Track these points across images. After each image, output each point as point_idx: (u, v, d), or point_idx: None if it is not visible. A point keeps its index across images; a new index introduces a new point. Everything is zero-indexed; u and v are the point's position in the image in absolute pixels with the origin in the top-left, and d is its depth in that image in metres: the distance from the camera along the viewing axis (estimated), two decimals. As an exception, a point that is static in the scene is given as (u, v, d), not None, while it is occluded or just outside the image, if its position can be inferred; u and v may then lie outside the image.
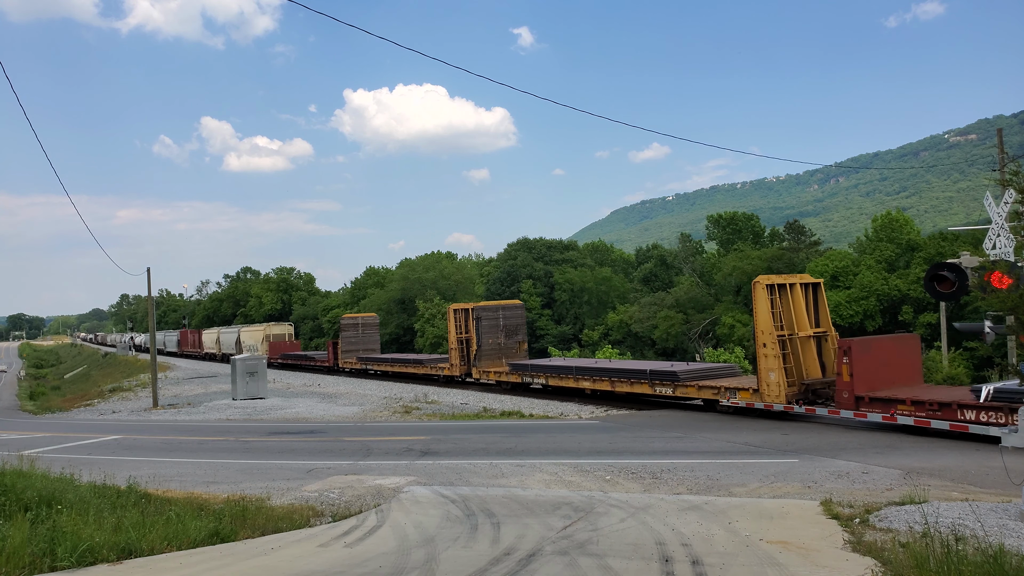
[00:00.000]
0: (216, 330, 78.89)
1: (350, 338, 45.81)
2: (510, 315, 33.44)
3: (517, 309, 34.22)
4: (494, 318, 32.75)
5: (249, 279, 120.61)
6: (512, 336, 33.16)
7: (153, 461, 17.72)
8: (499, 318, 32.82)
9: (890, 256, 48.28)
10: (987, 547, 7.34)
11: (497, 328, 32.63)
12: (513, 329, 33.30)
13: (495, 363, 32.15)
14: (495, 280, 72.90)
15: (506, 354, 32.55)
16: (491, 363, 32.21)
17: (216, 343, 73.20)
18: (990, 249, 14.95)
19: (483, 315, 32.56)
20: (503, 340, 32.72)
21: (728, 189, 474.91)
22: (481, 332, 32.25)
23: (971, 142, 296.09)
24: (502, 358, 32.31)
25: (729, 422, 20.05)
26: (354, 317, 47.56)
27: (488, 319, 32.59)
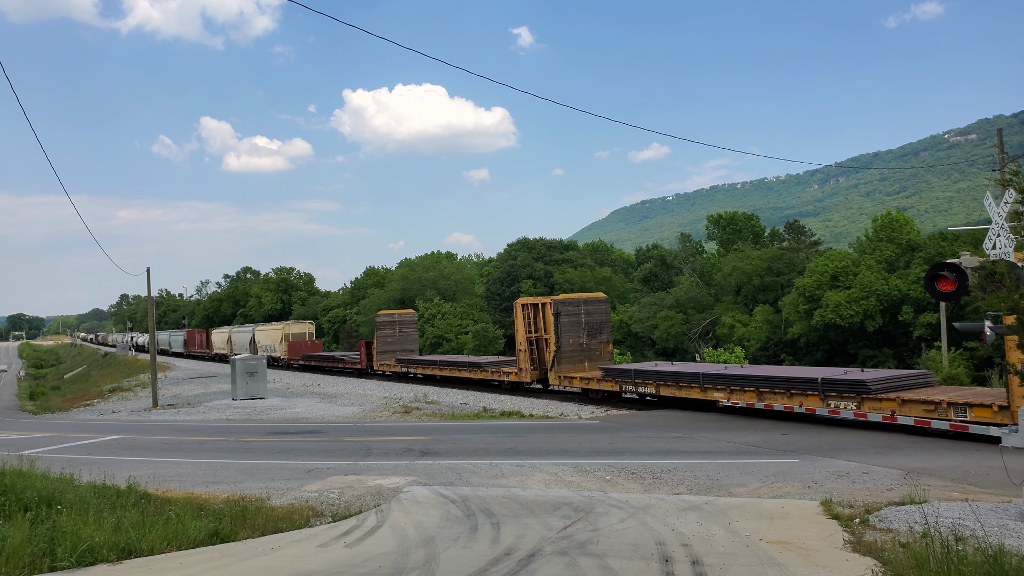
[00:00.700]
0: (227, 329, 73.82)
1: (386, 337, 41.87)
2: (593, 310, 28.89)
3: (601, 304, 29.54)
4: (575, 314, 28.33)
5: (249, 279, 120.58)
6: (595, 335, 28.65)
7: (153, 461, 17.71)
8: (580, 314, 28.43)
9: (890, 256, 48.26)
10: (987, 547, 7.34)
11: (578, 326, 28.29)
12: (596, 327, 28.74)
13: (577, 367, 27.90)
14: (495, 280, 72.89)
15: (588, 356, 28.35)
16: (573, 367, 27.84)
17: (227, 343, 68.79)
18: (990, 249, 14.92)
19: (563, 310, 28.01)
20: (585, 340, 28.34)
21: (728, 189, 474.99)
22: (561, 330, 27.73)
23: (971, 142, 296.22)
24: (584, 361, 28.29)
25: (729, 422, 20.05)
26: (390, 314, 43.33)
27: (569, 315, 28.14)
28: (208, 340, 76.13)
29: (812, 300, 47.11)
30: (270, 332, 60.56)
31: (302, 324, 61.52)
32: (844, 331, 45.67)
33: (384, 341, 41.98)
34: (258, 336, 61.97)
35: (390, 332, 42.21)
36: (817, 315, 45.91)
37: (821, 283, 47.12)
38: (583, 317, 28.47)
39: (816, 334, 47.49)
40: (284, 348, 56.17)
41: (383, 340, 41.96)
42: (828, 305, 45.07)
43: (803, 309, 47.70)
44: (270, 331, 60.82)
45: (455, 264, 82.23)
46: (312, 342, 57.61)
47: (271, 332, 60.34)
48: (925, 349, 39.39)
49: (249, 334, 63.73)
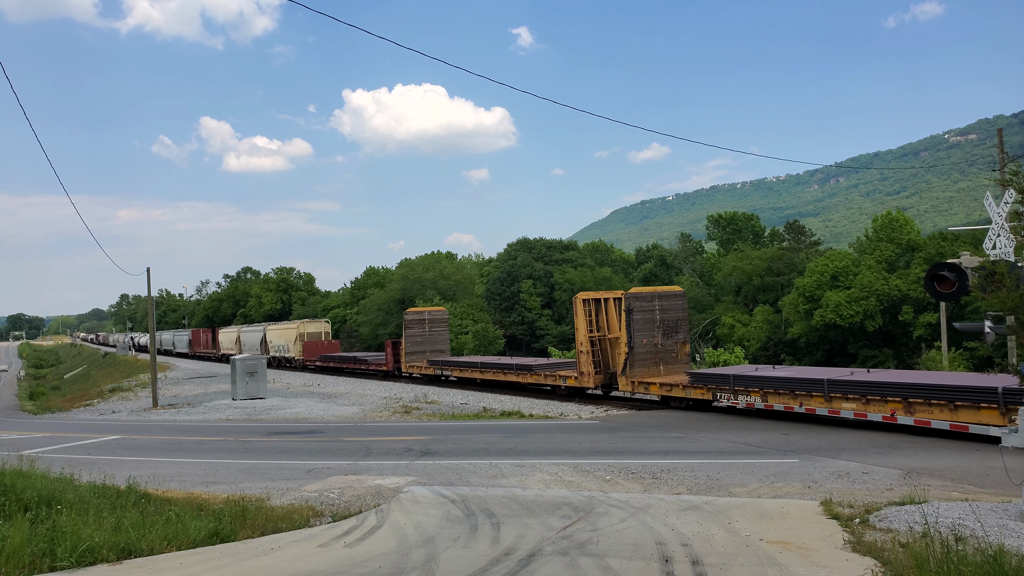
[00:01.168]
0: (235, 329, 70.23)
1: (415, 337, 38.53)
2: (669, 306, 25.12)
3: (678, 299, 25.60)
4: (648, 310, 24.61)
5: (249, 279, 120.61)
6: (672, 334, 25.03)
7: (153, 461, 17.71)
8: (655, 310, 24.76)
9: (890, 256, 48.29)
10: (987, 547, 7.34)
11: (652, 324, 24.56)
12: (673, 325, 25.08)
13: (651, 371, 24.36)
14: (495, 280, 72.92)
15: (664, 359, 24.63)
16: (647, 371, 24.29)
17: (236, 343, 65.48)
18: (990, 249, 14.94)
19: (637, 306, 24.22)
20: (660, 340, 24.70)
21: (728, 189, 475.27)
22: (634, 329, 24.09)
23: (971, 142, 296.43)
24: (659, 364, 24.57)
25: (729, 422, 20.05)
26: (419, 312, 40.01)
27: (642, 311, 24.36)
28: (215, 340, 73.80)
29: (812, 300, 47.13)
30: (283, 331, 56.94)
31: (318, 323, 57.64)
32: (844, 331, 45.69)
33: (413, 341, 38.64)
34: (270, 335, 58.83)
35: (419, 331, 38.82)
36: (817, 315, 45.91)
37: (821, 283, 47.14)
38: (658, 314, 24.87)
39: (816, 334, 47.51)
40: (299, 348, 52.97)
41: (412, 340, 38.67)
42: (828, 305, 45.08)
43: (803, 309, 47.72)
44: (283, 330, 57.18)
45: (455, 264, 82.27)
46: (329, 342, 54.09)
47: (285, 331, 56.78)
48: (925, 349, 39.41)
49: (260, 333, 60.50)
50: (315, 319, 62.54)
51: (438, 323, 39.59)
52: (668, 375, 24.22)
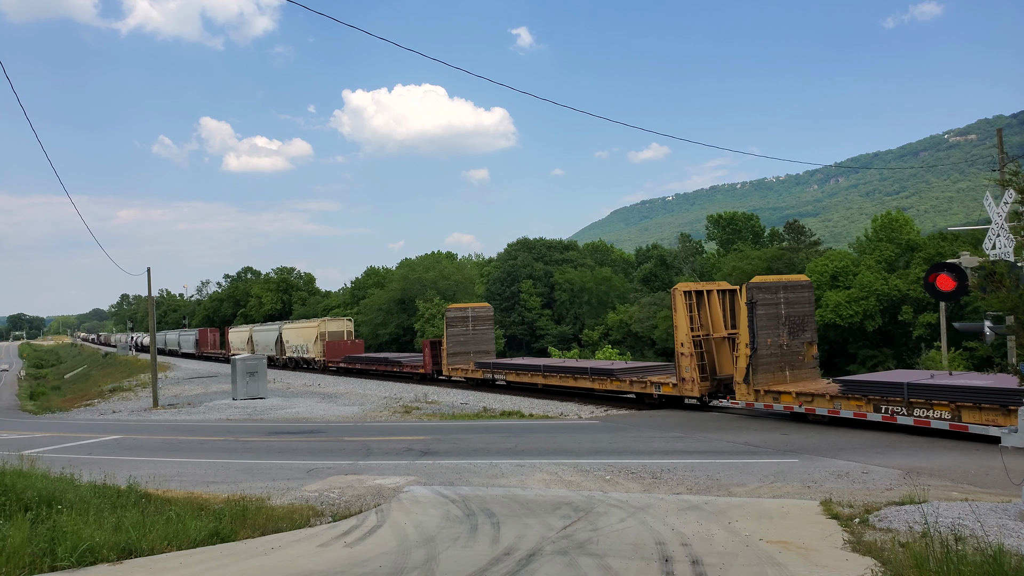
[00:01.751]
0: (247, 328, 66.48)
1: (458, 336, 34.58)
2: (795, 299, 21.21)
3: (804, 290, 21.69)
4: (772, 303, 20.69)
5: (249, 279, 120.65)
6: (798, 333, 21.11)
7: (153, 461, 17.72)
8: (779, 303, 20.84)
9: (890, 256, 48.30)
10: (987, 547, 7.35)
11: (777, 320, 20.66)
12: (799, 322, 21.19)
13: (776, 376, 20.36)
14: (495, 280, 72.94)
15: (790, 363, 20.77)
16: (771, 376, 20.28)
17: (248, 343, 61.64)
18: (990, 249, 14.95)
19: (761, 298, 20.28)
20: (786, 339, 20.77)
21: (728, 189, 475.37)
22: (758, 326, 20.13)
23: (971, 142, 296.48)
24: (785, 369, 20.64)
25: (729, 422, 20.06)
26: (462, 308, 36.00)
27: (767, 305, 20.50)
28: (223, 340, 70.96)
29: (812, 300, 47.11)
30: (302, 331, 52.89)
31: (340, 321, 53.40)
32: (844, 331, 45.71)
33: (456, 341, 34.46)
34: (287, 335, 55.17)
35: (462, 330, 34.69)
36: (817, 315, 45.91)
37: (821, 283, 47.14)
38: (783, 308, 20.93)
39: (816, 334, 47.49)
40: (319, 348, 49.22)
41: (455, 340, 34.46)
42: (828, 305, 45.09)
43: (803, 309, 47.66)
44: (302, 329, 53.19)
45: (455, 264, 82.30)
46: (352, 341, 50.21)
47: (304, 330, 52.64)
48: (925, 349, 39.41)
49: (275, 333, 56.96)
50: (337, 318, 57.20)
51: (483, 320, 35.59)
52: (796, 382, 20.43)
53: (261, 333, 60.66)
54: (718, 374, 22.37)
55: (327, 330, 50.25)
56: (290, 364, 53.91)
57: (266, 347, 57.19)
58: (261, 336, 60.18)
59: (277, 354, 55.49)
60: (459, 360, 34.32)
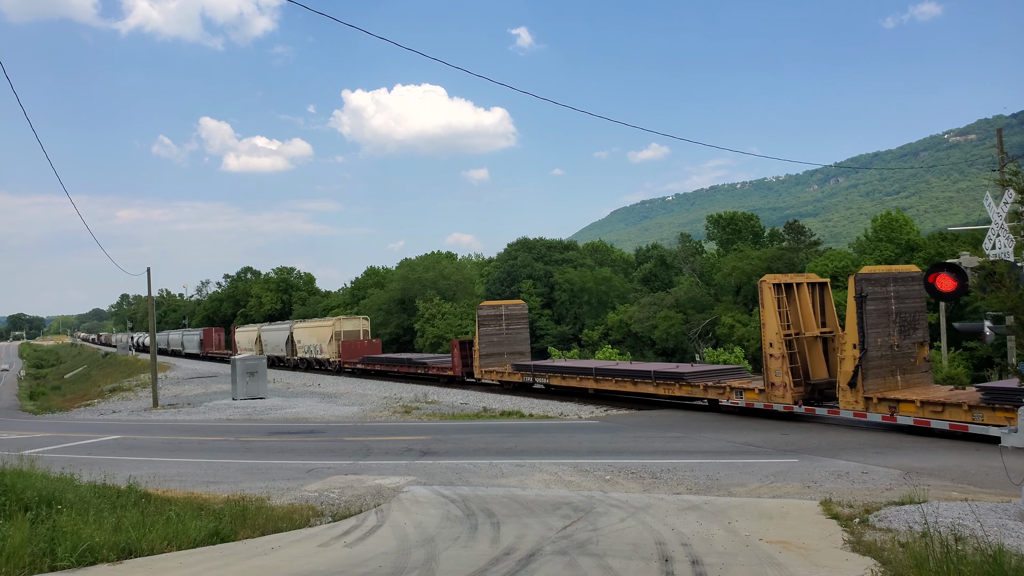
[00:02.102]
0: (255, 327, 63.38)
1: (491, 336, 32.12)
2: (906, 293, 18.89)
3: (915, 283, 19.18)
4: (883, 297, 18.42)
5: (249, 279, 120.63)
6: (909, 332, 18.81)
7: (153, 461, 17.72)
8: (889, 297, 18.48)
9: (890, 256, 48.32)
10: (986, 547, 7.35)
11: (887, 317, 18.38)
12: (910, 319, 18.83)
13: (887, 382, 18.11)
14: (495, 280, 72.93)
15: (901, 366, 18.51)
16: (882, 382, 18.04)
17: (256, 343, 59.13)
18: (990, 249, 14.93)
19: (871, 291, 18.14)
20: (896, 339, 18.51)
21: (728, 189, 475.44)
22: (868, 324, 17.94)
23: (971, 142, 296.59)
24: (896, 373, 18.40)
25: (729, 422, 20.06)
26: (495, 305, 33.24)
27: (876, 299, 18.27)
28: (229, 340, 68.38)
29: (812, 300, 47.08)
30: (316, 330, 50.23)
31: (356, 320, 50.67)
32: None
33: (489, 341, 31.99)
34: (299, 334, 52.50)
35: (495, 329, 32.25)
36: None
37: (821, 283, 47.11)
38: (893, 303, 18.59)
39: (816, 334, 47.46)
40: (335, 349, 46.67)
41: (487, 339, 32.02)
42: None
43: (803, 309, 47.67)
44: (316, 328, 50.56)
45: (455, 264, 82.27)
46: (369, 341, 47.22)
47: (317, 330, 49.97)
48: (925, 349, 39.35)
49: (286, 332, 54.35)
50: (352, 316, 54.38)
51: (517, 319, 33.05)
52: (909, 387, 18.38)
53: (270, 332, 57.77)
54: (811, 378, 19.89)
55: (342, 329, 47.37)
56: (302, 365, 51.88)
57: (275, 347, 54.91)
58: (270, 336, 57.50)
59: (288, 354, 53.43)
60: (493, 362, 31.87)
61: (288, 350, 53.41)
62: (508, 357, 31.97)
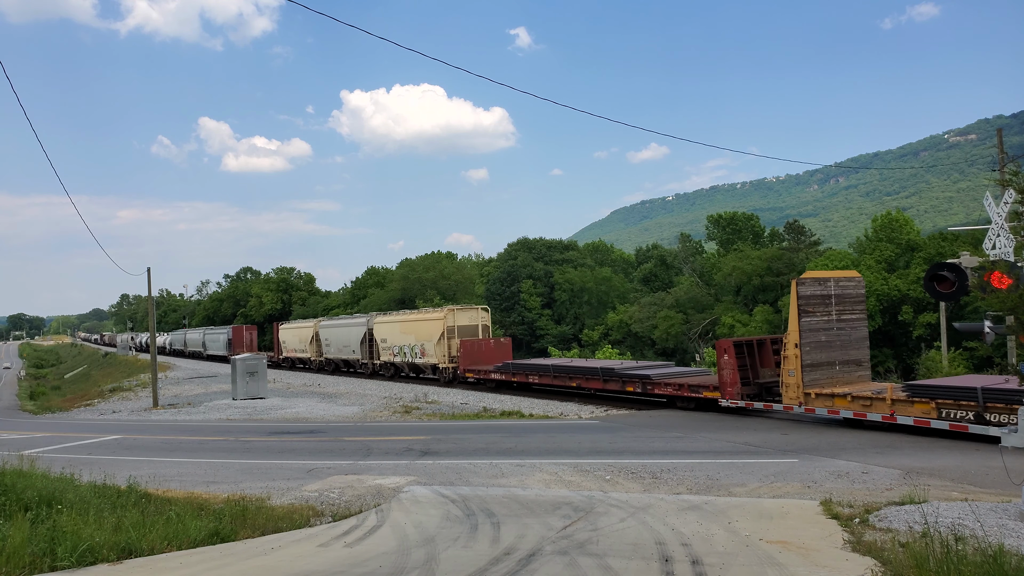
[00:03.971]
0: (311, 323, 50.42)
1: (818, 328, 19.08)
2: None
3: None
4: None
5: (249, 279, 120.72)
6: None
7: (153, 461, 17.72)
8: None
9: (890, 256, 48.32)
10: (987, 547, 7.34)
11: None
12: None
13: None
14: (495, 280, 72.95)
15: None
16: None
17: (311, 343, 47.78)
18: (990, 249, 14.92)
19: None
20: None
21: (728, 189, 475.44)
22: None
23: (971, 142, 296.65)
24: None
25: (729, 422, 20.05)
26: (823, 278, 19.78)
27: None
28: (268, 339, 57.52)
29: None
30: (417, 325, 36.60)
31: (472, 311, 36.09)
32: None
33: (817, 341, 19.06)
34: (383, 331, 39.44)
35: (824, 318, 19.30)
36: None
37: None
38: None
39: (816, 334, 47.45)
40: (447, 351, 34.21)
41: (814, 338, 19.07)
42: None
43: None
44: (418, 323, 36.72)
45: (455, 264, 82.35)
46: (497, 340, 33.93)
47: (419, 325, 36.36)
48: (925, 349, 39.42)
49: (362, 328, 41.97)
50: (467, 307, 37.97)
51: (852, 302, 20.05)
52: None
53: (336, 329, 45.55)
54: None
55: (456, 324, 33.95)
56: (386, 371, 39.93)
57: (343, 348, 44.03)
58: (336, 333, 45.27)
59: (363, 357, 42.01)
60: (826, 374, 19.15)
61: (364, 352, 41.91)
62: (841, 368, 19.47)
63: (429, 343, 35.45)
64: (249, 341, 62.83)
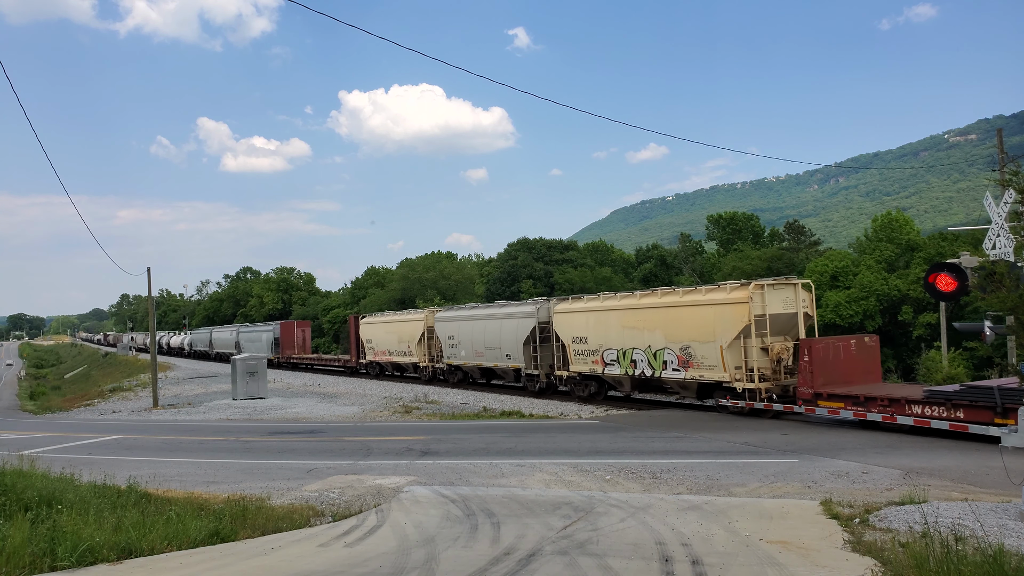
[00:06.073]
0: (420, 314, 36.76)
1: None
2: None
3: None
4: None
5: (249, 279, 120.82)
6: None
7: (153, 461, 17.72)
8: None
9: (890, 256, 48.31)
10: (987, 547, 7.34)
11: None
12: None
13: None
14: (495, 280, 72.92)
15: None
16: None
17: (423, 343, 35.41)
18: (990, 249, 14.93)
19: None
20: None
21: (728, 189, 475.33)
22: None
23: (971, 142, 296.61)
24: None
25: (729, 422, 20.05)
26: None
27: None
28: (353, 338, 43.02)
29: (812, 300, 47.14)
30: (691, 312, 21.84)
31: (787, 290, 21.24)
32: (844, 331, 45.66)
33: None
34: (573, 323, 25.72)
35: None
36: (817, 315, 45.96)
37: (821, 283, 47.14)
38: None
39: (816, 334, 47.51)
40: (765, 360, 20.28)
41: None
42: (828, 305, 45.10)
43: (803, 309, 47.69)
44: (683, 309, 22.12)
45: (455, 264, 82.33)
46: (859, 342, 20.04)
47: (680, 313, 22.17)
48: (925, 349, 39.41)
49: (528, 323, 27.86)
50: (780, 281, 21.46)
51: None
52: None
53: (475, 323, 31.33)
54: None
55: (767, 311, 20.31)
56: (583, 390, 25.88)
57: (489, 349, 30.16)
58: (475, 329, 31.14)
59: (527, 365, 28.12)
60: None
61: (527, 356, 28.03)
62: None
63: (718, 341, 20.67)
64: (302, 341, 52.79)
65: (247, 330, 59.39)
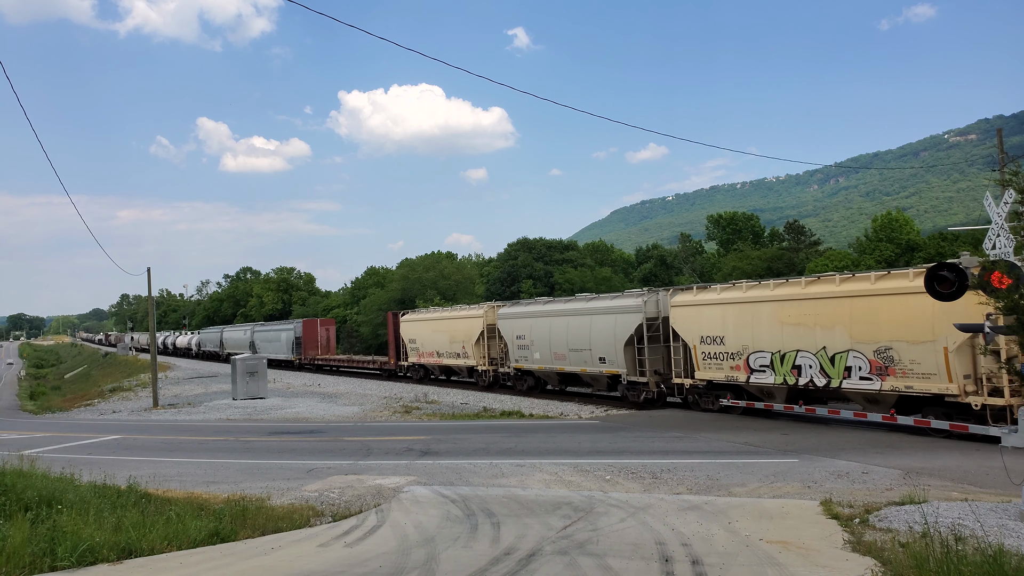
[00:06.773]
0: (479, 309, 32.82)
1: None
2: None
3: None
4: None
5: (249, 279, 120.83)
6: None
7: (153, 461, 17.72)
8: None
9: (890, 256, 48.32)
10: (987, 547, 7.34)
11: None
12: None
13: None
14: (495, 280, 72.93)
15: None
16: None
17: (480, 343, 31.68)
18: (990, 249, 14.92)
19: None
20: None
21: (728, 189, 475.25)
22: None
23: (971, 142, 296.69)
24: None
25: (729, 422, 20.05)
26: None
27: None
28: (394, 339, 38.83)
29: (812, 300, 47.11)
30: None
31: None
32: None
33: None
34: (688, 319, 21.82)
35: None
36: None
37: (821, 283, 47.13)
38: None
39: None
40: None
41: None
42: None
43: (803, 309, 47.67)
44: None
45: (455, 264, 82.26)
46: None
47: None
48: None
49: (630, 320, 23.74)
50: None
51: None
52: None
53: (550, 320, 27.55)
54: None
55: None
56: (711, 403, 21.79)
57: (576, 352, 26.16)
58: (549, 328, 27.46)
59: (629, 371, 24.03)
60: None
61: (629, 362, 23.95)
62: None
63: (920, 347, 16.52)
64: (326, 340, 49.50)
65: (263, 329, 55.06)
